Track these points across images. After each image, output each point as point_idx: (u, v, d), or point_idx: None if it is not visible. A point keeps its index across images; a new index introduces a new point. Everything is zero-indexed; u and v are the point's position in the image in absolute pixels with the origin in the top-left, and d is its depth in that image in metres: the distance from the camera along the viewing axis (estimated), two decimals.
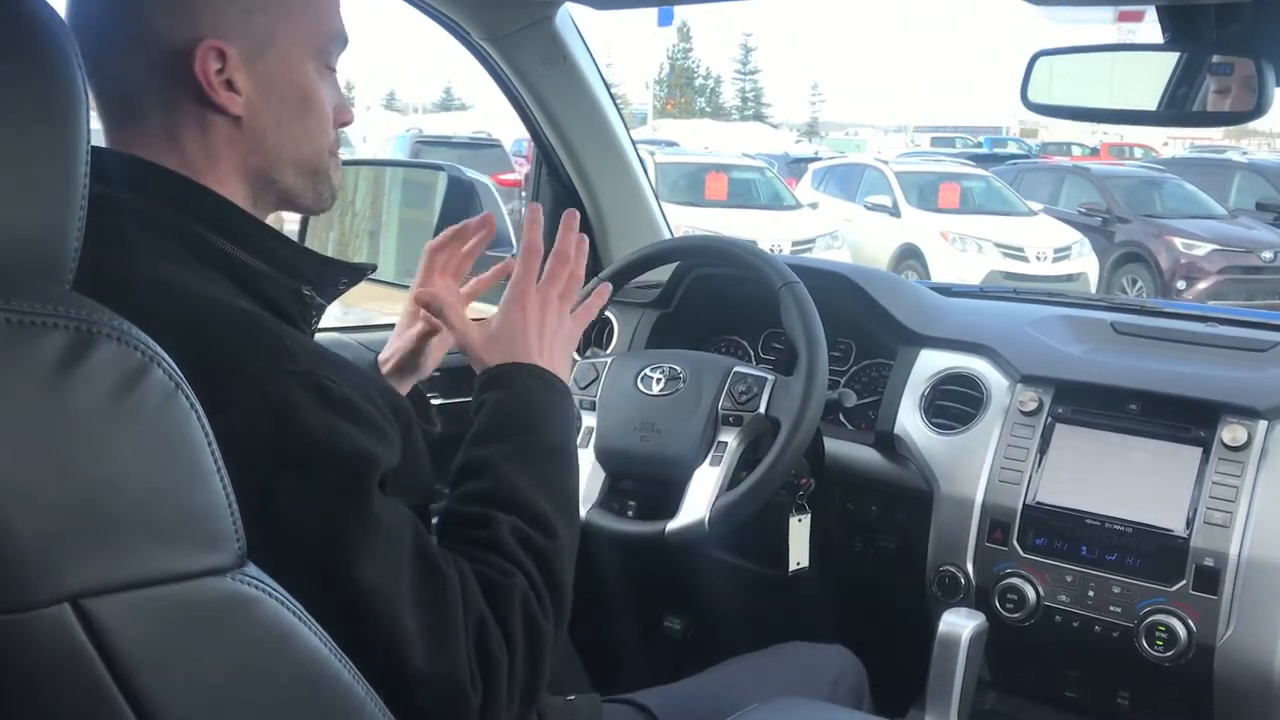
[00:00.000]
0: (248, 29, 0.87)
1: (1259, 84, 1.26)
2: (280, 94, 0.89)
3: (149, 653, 0.59)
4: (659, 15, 13.69)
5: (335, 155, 0.97)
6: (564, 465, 0.98)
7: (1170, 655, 1.33)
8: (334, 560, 0.77)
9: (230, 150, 0.89)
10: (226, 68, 0.86)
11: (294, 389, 0.78)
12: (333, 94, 0.94)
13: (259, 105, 0.88)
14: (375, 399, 0.84)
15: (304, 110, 0.91)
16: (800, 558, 1.58)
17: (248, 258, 0.87)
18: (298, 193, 0.94)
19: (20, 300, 0.55)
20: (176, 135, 0.87)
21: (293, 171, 0.92)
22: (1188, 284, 9.46)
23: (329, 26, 0.93)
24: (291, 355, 0.80)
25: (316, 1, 0.92)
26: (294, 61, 0.90)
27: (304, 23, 0.90)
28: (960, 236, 9.81)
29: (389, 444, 0.83)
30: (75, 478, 0.56)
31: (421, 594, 0.80)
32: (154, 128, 0.87)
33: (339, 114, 0.95)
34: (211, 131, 0.87)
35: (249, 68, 0.87)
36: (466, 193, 2.08)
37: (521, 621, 0.85)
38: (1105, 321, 1.66)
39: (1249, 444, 1.36)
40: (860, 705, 1.35)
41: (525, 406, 0.98)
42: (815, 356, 1.43)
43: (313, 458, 0.78)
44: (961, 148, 23.60)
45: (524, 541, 0.89)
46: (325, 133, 0.94)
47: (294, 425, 0.77)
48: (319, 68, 0.92)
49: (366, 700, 0.70)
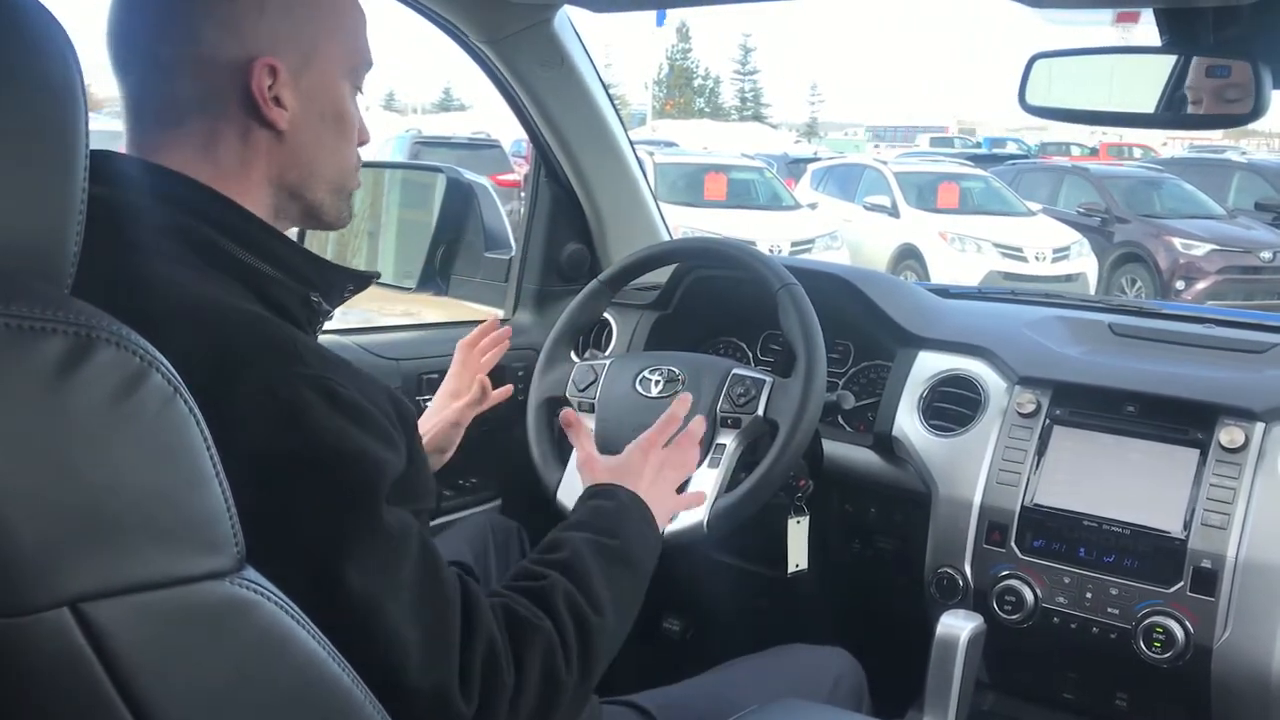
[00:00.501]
0: (295, 46, 0.89)
1: (1256, 86, 1.26)
2: (320, 111, 0.92)
3: (148, 657, 0.59)
4: (656, 16, 13.68)
5: (358, 173, 1.00)
6: (635, 578, 1.03)
7: (1168, 657, 1.33)
8: (337, 565, 0.77)
9: (267, 162, 0.91)
10: (276, 84, 0.88)
11: (303, 391, 0.78)
12: (358, 114, 0.98)
13: (302, 121, 0.91)
14: (383, 404, 0.85)
15: (339, 128, 0.95)
16: (799, 559, 1.58)
17: (259, 263, 0.88)
18: (324, 208, 0.96)
19: (19, 305, 0.55)
20: (215, 145, 0.89)
21: (323, 187, 0.95)
22: (1187, 284, 9.46)
23: (362, 48, 0.96)
24: (301, 359, 0.80)
25: (352, 23, 0.95)
26: (331, 79, 0.93)
27: (342, 43, 0.94)
28: (959, 237, 9.81)
29: (396, 450, 0.83)
30: (74, 482, 0.56)
31: (422, 603, 0.80)
32: (192, 136, 0.88)
33: (360, 134, 0.98)
34: (251, 144, 0.90)
35: (295, 84, 0.90)
36: (465, 195, 2.08)
37: (539, 662, 0.87)
38: (1103, 323, 1.66)
39: (1246, 446, 1.36)
40: (859, 707, 1.35)
41: (619, 519, 1.06)
42: (813, 358, 1.43)
43: (321, 461, 0.78)
44: (961, 147, 23.60)
45: (571, 605, 0.93)
46: (354, 151, 0.98)
47: (303, 428, 0.78)
48: (351, 88, 0.96)
49: (365, 704, 0.70)
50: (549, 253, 2.03)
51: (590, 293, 1.66)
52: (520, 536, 1.55)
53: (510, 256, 2.08)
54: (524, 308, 2.05)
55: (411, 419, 0.90)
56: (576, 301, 1.66)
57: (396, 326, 2.01)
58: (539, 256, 2.04)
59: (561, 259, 2.03)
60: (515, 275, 2.06)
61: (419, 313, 3.07)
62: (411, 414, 0.91)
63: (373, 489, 0.79)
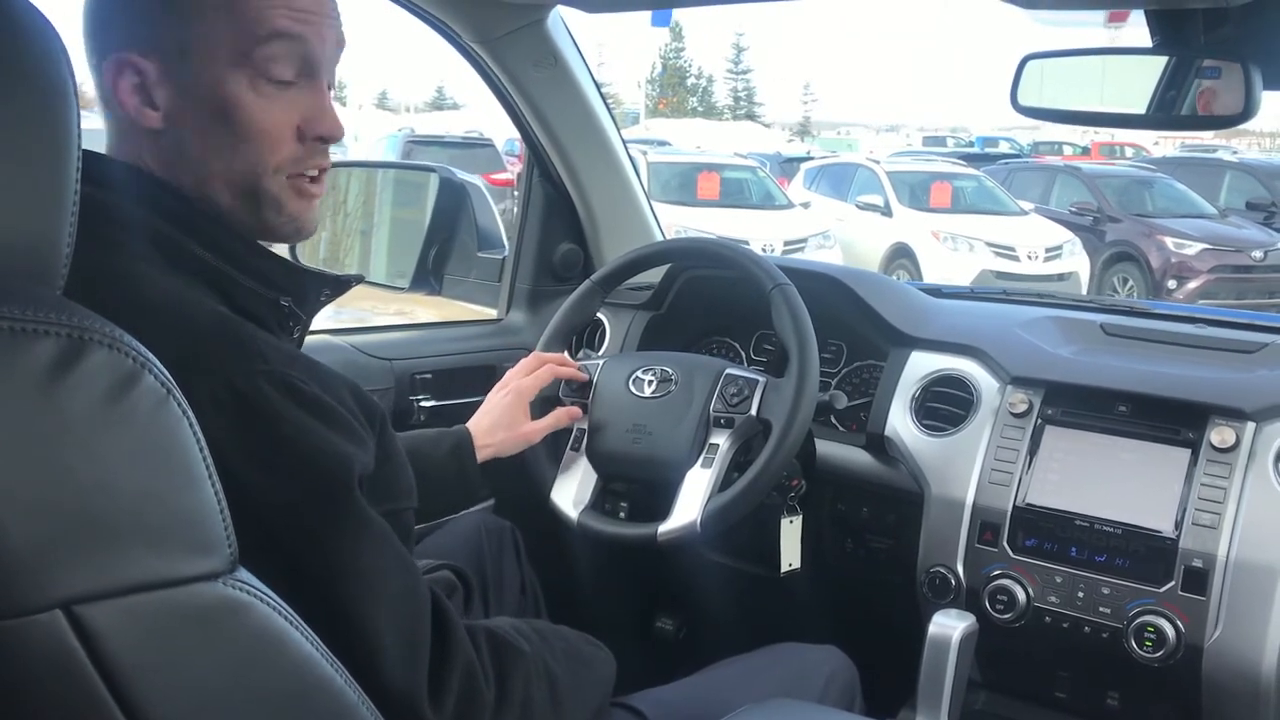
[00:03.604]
0: (161, 41, 0.84)
1: (1246, 87, 1.26)
2: (201, 106, 0.85)
3: (141, 658, 0.59)
4: (653, 16, 13.65)
5: (295, 177, 0.90)
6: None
7: (1159, 656, 1.33)
8: (308, 559, 0.77)
9: (161, 166, 0.87)
10: (147, 81, 0.84)
11: (264, 387, 0.78)
12: (293, 107, 0.88)
13: (179, 119, 0.85)
14: (347, 401, 0.84)
15: (227, 122, 0.85)
16: (792, 559, 1.59)
17: (223, 265, 0.86)
18: (239, 216, 0.89)
19: (12, 307, 0.55)
20: (136, 147, 0.88)
21: (226, 191, 0.88)
22: (1178, 283, 9.48)
23: (257, 29, 0.85)
24: (262, 355, 0.80)
25: (241, 3, 0.85)
26: (215, 70, 0.85)
27: (225, 28, 0.84)
28: (952, 236, 9.82)
29: (363, 446, 0.83)
30: (67, 484, 0.56)
31: (395, 604, 0.80)
32: (123, 137, 0.88)
33: (312, 126, 0.89)
34: (149, 145, 0.87)
35: (172, 80, 0.84)
36: (458, 194, 2.08)
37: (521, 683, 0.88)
38: (1095, 323, 1.66)
39: (1237, 446, 1.37)
40: (852, 706, 1.35)
41: None
42: (806, 358, 1.43)
43: (283, 456, 0.77)
44: (955, 146, 23.63)
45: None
46: (262, 150, 0.87)
47: (263, 423, 0.77)
48: (252, 78, 0.86)
49: (358, 705, 0.71)
50: (542, 252, 2.03)
51: (583, 293, 1.66)
52: (513, 536, 1.55)
53: (503, 256, 2.08)
54: (517, 307, 2.05)
55: (380, 416, 0.89)
56: (570, 301, 1.66)
57: (390, 326, 2.01)
58: (532, 256, 2.04)
59: (555, 259, 2.03)
60: (508, 275, 2.06)
61: (412, 312, 3.07)
62: (380, 411, 0.89)
63: (339, 484, 0.79)
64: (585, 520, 1.48)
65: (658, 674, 1.34)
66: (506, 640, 0.90)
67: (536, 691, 0.90)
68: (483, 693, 0.84)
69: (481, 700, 0.83)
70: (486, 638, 0.89)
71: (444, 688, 0.81)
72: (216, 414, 0.75)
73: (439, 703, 0.81)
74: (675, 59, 61.55)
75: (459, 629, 0.85)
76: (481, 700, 0.83)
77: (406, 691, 0.79)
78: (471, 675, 0.83)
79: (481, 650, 0.86)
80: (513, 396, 1.43)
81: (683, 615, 1.99)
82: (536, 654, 0.93)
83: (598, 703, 1.05)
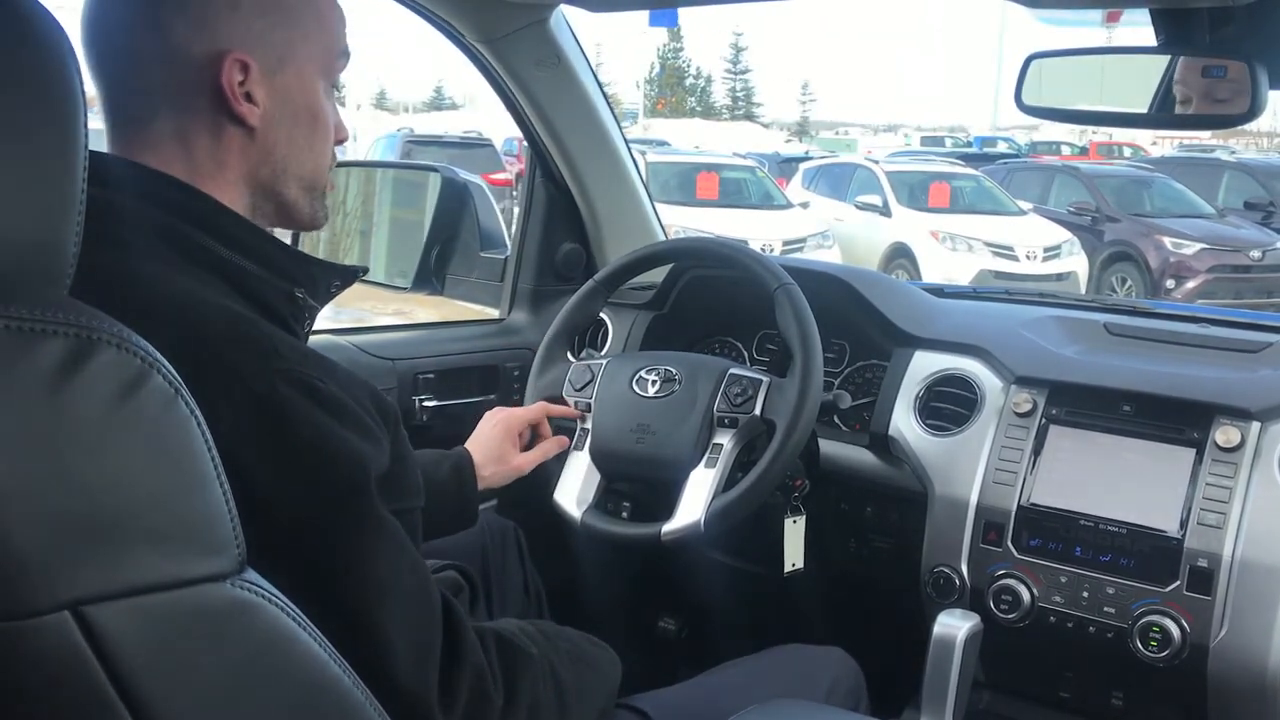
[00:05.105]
0: (268, 44, 0.90)
1: (1252, 87, 1.26)
2: (293, 108, 0.93)
3: (149, 659, 0.58)
4: (652, 17, 13.64)
5: (332, 173, 1.00)
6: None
7: (1164, 656, 1.33)
8: (326, 558, 0.77)
9: (240, 160, 0.91)
10: (248, 80, 0.88)
11: (281, 386, 0.78)
12: (334, 112, 0.98)
13: (274, 118, 0.91)
14: (363, 400, 0.84)
15: (313, 126, 0.95)
16: (795, 559, 1.58)
17: (240, 260, 0.87)
18: (298, 207, 0.96)
19: (19, 307, 0.55)
20: (188, 142, 0.89)
21: (296, 186, 0.95)
22: (1177, 283, 9.49)
23: (338, 45, 0.97)
24: (278, 354, 0.80)
25: (329, 20, 0.96)
26: (307, 77, 0.93)
27: (318, 40, 0.94)
28: (950, 235, 9.83)
29: (378, 445, 0.83)
30: (75, 484, 0.56)
31: (408, 604, 0.80)
32: (165, 134, 0.88)
33: (337, 131, 0.98)
34: (224, 140, 0.90)
35: (268, 81, 0.90)
36: (460, 194, 2.08)
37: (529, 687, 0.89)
38: (1098, 323, 1.66)
39: (1242, 445, 1.37)
40: (857, 707, 1.34)
41: None
42: (810, 358, 1.43)
43: (301, 457, 0.77)
44: (953, 146, 23.64)
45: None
46: (328, 150, 0.98)
47: (281, 423, 0.77)
48: (326, 86, 0.96)
49: (366, 706, 0.70)
50: (544, 252, 2.03)
51: (586, 292, 1.66)
52: (516, 536, 1.55)
53: (505, 256, 2.08)
54: (519, 307, 2.05)
55: (394, 416, 0.90)
56: (572, 301, 1.66)
57: (392, 326, 2.01)
58: (534, 256, 2.03)
59: (557, 258, 2.03)
60: (510, 275, 2.06)
61: (412, 312, 3.07)
62: (394, 411, 0.91)
63: (356, 484, 0.79)
64: (588, 520, 1.47)
65: (660, 674, 1.34)
66: (514, 643, 0.90)
67: (543, 695, 0.90)
68: (491, 696, 0.84)
69: (490, 704, 0.83)
70: (495, 640, 0.89)
71: (454, 690, 0.81)
72: (232, 414, 0.75)
73: (449, 705, 0.81)
74: (674, 59, 61.55)
75: (469, 631, 0.85)
76: (490, 704, 0.83)
77: (417, 693, 0.79)
78: (481, 678, 0.83)
79: (490, 653, 0.86)
80: (501, 429, 1.44)
81: (685, 615, 1.99)
82: (543, 657, 0.93)
83: (603, 704, 1.05)
